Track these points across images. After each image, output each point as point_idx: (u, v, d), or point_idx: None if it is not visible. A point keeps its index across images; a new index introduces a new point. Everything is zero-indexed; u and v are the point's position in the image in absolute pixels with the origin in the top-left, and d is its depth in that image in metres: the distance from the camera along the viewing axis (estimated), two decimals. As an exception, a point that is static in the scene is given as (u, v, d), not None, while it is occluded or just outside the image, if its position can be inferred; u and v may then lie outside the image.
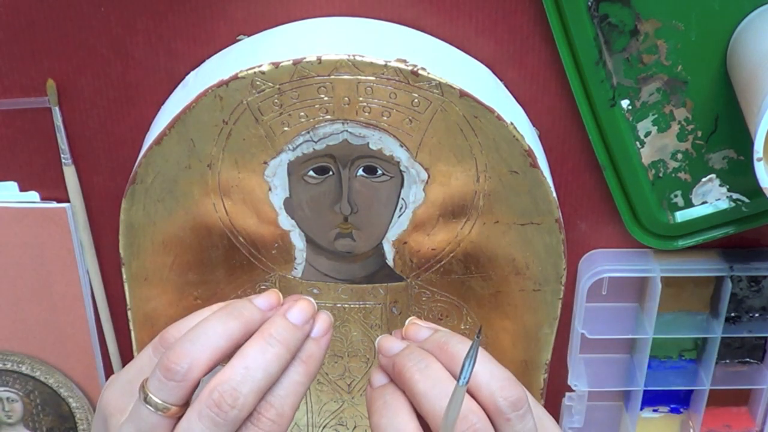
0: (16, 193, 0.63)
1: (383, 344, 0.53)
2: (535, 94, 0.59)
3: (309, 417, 0.68)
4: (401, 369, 0.50)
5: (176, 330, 0.49)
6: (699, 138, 0.60)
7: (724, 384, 0.69)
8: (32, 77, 0.59)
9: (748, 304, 0.66)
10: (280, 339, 0.47)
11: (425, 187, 0.57)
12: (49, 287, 0.65)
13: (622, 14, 0.56)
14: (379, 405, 0.50)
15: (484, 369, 0.48)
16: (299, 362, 0.48)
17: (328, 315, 0.51)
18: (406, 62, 0.53)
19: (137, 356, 0.50)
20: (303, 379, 0.48)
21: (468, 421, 0.47)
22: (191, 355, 0.46)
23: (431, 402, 0.48)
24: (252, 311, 0.49)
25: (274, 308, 0.50)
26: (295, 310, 0.49)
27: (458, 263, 0.60)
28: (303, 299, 0.50)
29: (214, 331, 0.47)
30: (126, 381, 0.49)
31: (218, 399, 0.45)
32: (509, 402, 0.48)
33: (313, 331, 0.50)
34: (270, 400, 0.47)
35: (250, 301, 0.50)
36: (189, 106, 0.54)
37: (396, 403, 0.50)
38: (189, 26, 0.57)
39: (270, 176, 0.57)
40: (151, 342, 0.50)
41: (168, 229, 0.59)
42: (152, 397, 0.46)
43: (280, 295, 0.51)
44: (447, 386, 0.47)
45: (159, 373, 0.46)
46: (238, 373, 0.46)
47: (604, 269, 0.64)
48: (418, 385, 0.49)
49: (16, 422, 0.71)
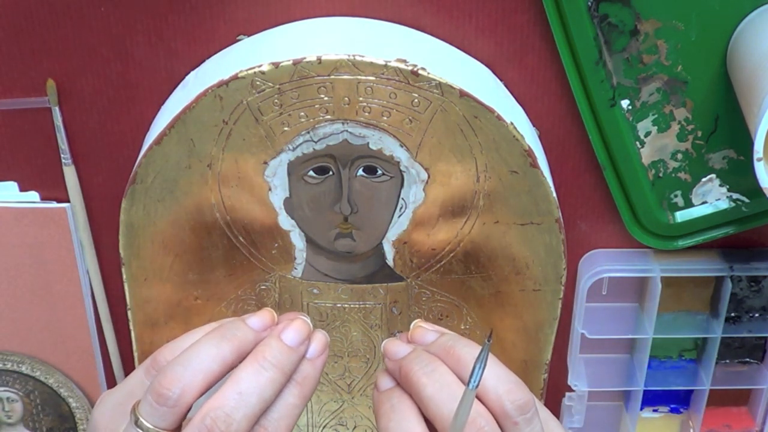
0: (16, 193, 0.63)
1: (389, 348, 0.52)
2: (535, 94, 0.59)
3: (309, 417, 0.68)
4: (408, 373, 0.49)
5: (169, 352, 0.49)
6: (699, 138, 0.60)
7: (724, 384, 0.69)
8: (32, 77, 0.59)
9: (748, 304, 0.66)
10: (274, 362, 0.47)
11: (425, 187, 0.57)
12: (49, 287, 0.65)
13: (622, 14, 0.56)
14: (387, 409, 0.50)
15: (491, 372, 0.48)
16: (294, 384, 0.48)
17: (324, 335, 0.50)
18: (406, 62, 0.53)
19: (129, 376, 0.49)
20: (298, 402, 0.48)
21: (476, 424, 0.47)
22: (183, 380, 0.45)
23: (439, 406, 0.48)
24: (246, 333, 0.48)
25: (269, 328, 0.49)
26: (290, 331, 0.48)
27: (458, 263, 0.60)
28: (298, 319, 0.49)
29: (206, 354, 0.46)
30: (117, 402, 0.48)
31: (211, 425, 0.44)
32: (517, 405, 0.47)
33: (309, 352, 0.49)
34: (264, 423, 0.46)
35: (244, 321, 0.49)
36: (189, 106, 0.54)
37: (403, 407, 0.49)
38: (189, 26, 0.57)
39: (270, 176, 0.57)
40: (143, 363, 0.49)
41: (168, 229, 0.59)
42: (143, 422, 0.45)
43: (275, 314, 0.50)
44: (454, 390, 0.47)
45: (150, 398, 0.45)
46: (231, 399, 0.45)
47: (604, 269, 0.64)
48: (426, 389, 0.48)
49: (16, 422, 0.71)
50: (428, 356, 0.50)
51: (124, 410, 0.47)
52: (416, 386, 0.49)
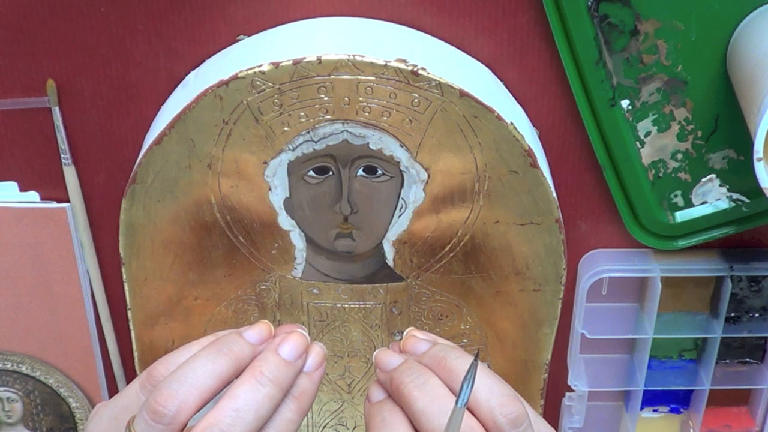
0: (16, 193, 0.63)
1: (381, 358, 0.51)
2: (535, 94, 0.59)
3: (309, 417, 0.68)
4: (399, 385, 0.49)
5: (164, 366, 0.48)
6: (699, 138, 0.60)
7: (724, 384, 0.69)
8: (32, 77, 0.59)
9: (748, 304, 0.66)
10: (272, 378, 0.46)
11: (425, 187, 0.57)
12: (49, 287, 0.65)
13: (622, 14, 0.56)
14: (377, 422, 0.49)
15: (483, 385, 0.47)
16: (292, 399, 0.47)
17: (322, 347, 0.49)
18: (406, 62, 0.53)
19: (124, 390, 0.49)
20: (295, 417, 0.47)
21: None
22: (179, 396, 0.45)
23: (430, 420, 0.47)
24: (242, 347, 0.47)
25: (266, 341, 0.48)
26: (287, 346, 0.47)
27: (458, 263, 0.60)
28: (295, 332, 0.48)
29: (202, 370, 0.46)
30: (112, 416, 0.48)
31: None
32: (509, 419, 0.47)
33: (307, 366, 0.48)
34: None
35: (240, 335, 0.48)
36: (189, 106, 0.54)
37: (394, 421, 0.49)
38: (189, 26, 0.57)
39: (270, 176, 0.57)
40: (138, 377, 0.49)
41: (168, 229, 0.59)
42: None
43: (272, 327, 0.49)
44: (445, 403, 0.47)
45: (146, 415, 0.45)
46: (227, 416, 0.45)
47: (604, 269, 0.64)
48: (417, 402, 0.48)
49: (16, 422, 0.71)
50: (420, 368, 0.49)
51: (119, 424, 0.47)
52: (407, 399, 0.48)
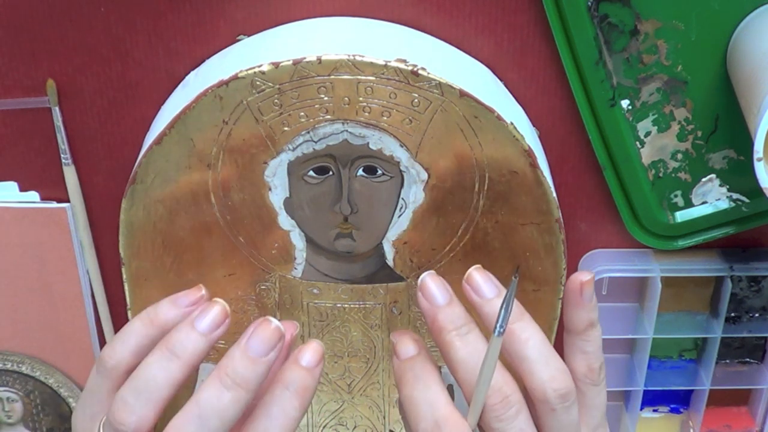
0: (16, 193, 0.63)
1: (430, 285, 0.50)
2: (535, 94, 0.59)
3: (309, 417, 0.68)
4: (441, 330, 0.48)
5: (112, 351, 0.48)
6: (699, 138, 0.60)
7: (724, 384, 0.69)
8: (32, 77, 0.59)
9: (748, 304, 0.66)
10: (237, 380, 0.44)
11: (425, 187, 0.57)
12: (49, 287, 0.65)
13: (622, 14, 0.56)
14: (410, 378, 0.49)
15: (540, 355, 0.47)
16: (294, 395, 0.46)
17: (320, 344, 0.48)
18: (406, 62, 0.53)
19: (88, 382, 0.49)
20: (297, 414, 0.47)
21: (502, 393, 0.46)
22: (136, 412, 0.45)
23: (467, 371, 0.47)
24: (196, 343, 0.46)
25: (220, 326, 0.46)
26: (254, 341, 0.45)
27: (458, 263, 0.60)
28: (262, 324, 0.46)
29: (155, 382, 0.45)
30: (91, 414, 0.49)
31: None
32: (558, 394, 0.47)
33: (306, 362, 0.47)
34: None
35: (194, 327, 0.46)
36: (189, 106, 0.54)
37: (428, 376, 0.49)
38: (189, 26, 0.57)
39: (270, 176, 0.57)
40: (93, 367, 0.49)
41: (168, 229, 0.59)
42: None
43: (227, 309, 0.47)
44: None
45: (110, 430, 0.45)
46: (191, 422, 0.44)
47: (604, 269, 0.64)
48: (458, 352, 0.48)
49: (16, 422, 0.71)
50: (466, 316, 0.49)
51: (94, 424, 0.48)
52: (447, 346, 0.48)
